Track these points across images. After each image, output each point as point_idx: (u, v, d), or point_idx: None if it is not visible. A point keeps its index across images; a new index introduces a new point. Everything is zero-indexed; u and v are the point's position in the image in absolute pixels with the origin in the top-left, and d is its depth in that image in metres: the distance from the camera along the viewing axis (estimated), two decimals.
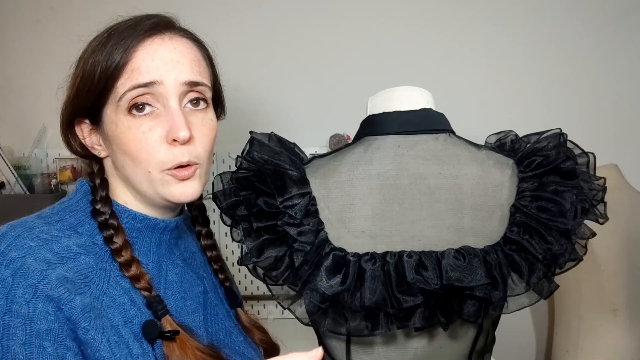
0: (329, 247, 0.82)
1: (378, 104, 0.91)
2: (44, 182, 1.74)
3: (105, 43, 0.68)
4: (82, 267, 0.64)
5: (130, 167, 0.69)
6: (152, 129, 0.67)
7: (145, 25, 0.69)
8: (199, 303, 0.77)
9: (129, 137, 0.67)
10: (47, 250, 0.62)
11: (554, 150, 0.83)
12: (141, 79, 0.67)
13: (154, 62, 0.67)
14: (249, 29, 1.85)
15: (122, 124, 0.67)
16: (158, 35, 0.69)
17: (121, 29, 0.69)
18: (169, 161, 0.68)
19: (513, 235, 0.81)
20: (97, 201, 0.71)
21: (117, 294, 0.66)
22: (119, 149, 0.68)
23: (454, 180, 0.83)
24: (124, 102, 0.67)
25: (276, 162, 0.86)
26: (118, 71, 0.67)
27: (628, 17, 1.82)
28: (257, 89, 1.86)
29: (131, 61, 0.67)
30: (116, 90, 0.67)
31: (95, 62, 0.67)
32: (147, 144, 0.67)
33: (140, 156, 0.67)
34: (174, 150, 0.68)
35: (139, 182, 0.70)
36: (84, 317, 0.62)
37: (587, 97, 1.85)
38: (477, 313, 0.80)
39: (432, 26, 1.85)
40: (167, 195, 0.70)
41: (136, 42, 0.68)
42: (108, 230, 0.69)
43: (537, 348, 1.97)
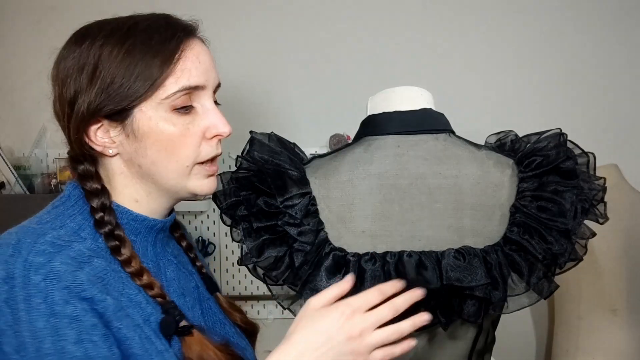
0: (329, 247, 0.82)
1: (378, 104, 0.91)
2: (44, 182, 1.74)
3: (142, 40, 0.68)
4: (98, 270, 0.64)
5: (164, 162, 0.70)
6: (192, 124, 0.70)
7: (180, 25, 0.71)
8: (195, 298, 0.78)
9: (173, 133, 0.69)
10: (65, 256, 0.62)
11: (554, 150, 0.83)
12: (192, 82, 0.69)
13: (201, 66, 0.70)
14: (249, 29, 1.85)
15: (164, 120, 0.68)
16: (194, 38, 0.72)
17: (153, 27, 0.69)
18: (207, 154, 0.72)
19: (513, 235, 0.81)
20: (96, 210, 0.69)
21: (133, 294, 0.67)
22: (154, 145, 0.69)
23: (454, 180, 0.83)
24: (170, 101, 0.68)
25: (276, 162, 0.86)
26: (169, 70, 0.67)
27: (628, 17, 1.82)
28: (257, 89, 1.86)
29: (181, 61, 0.68)
30: (164, 88, 0.68)
31: (134, 61, 0.67)
32: (190, 140, 0.70)
33: (182, 150, 0.70)
34: (211, 143, 0.72)
35: (168, 177, 0.71)
36: (116, 316, 0.63)
37: (587, 97, 1.85)
38: (477, 313, 0.80)
39: (433, 26, 1.85)
40: (196, 189, 0.73)
41: (180, 42, 0.69)
42: (113, 241, 0.68)
43: (537, 348, 1.97)
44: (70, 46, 0.70)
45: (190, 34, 0.71)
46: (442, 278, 0.78)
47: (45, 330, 0.59)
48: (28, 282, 0.59)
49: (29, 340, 0.59)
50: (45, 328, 0.59)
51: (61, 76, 0.69)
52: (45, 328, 0.59)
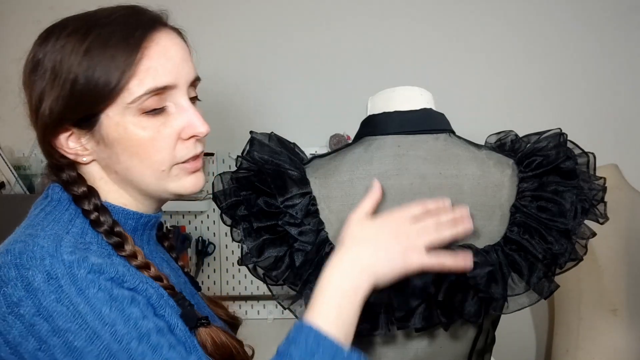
0: (330, 247, 0.82)
1: (378, 103, 0.91)
2: (44, 182, 1.74)
3: (101, 38, 0.62)
4: (117, 267, 0.63)
5: (138, 167, 0.66)
6: (165, 126, 0.65)
7: (143, 19, 0.65)
8: (187, 294, 0.76)
9: (144, 138, 0.64)
10: (92, 254, 0.61)
11: (554, 150, 0.83)
12: (159, 82, 0.63)
13: (168, 62, 0.64)
14: (249, 29, 1.85)
15: (133, 125, 0.64)
16: (162, 30, 0.65)
17: (114, 22, 0.63)
18: (184, 155, 0.68)
19: (513, 235, 0.81)
20: (90, 211, 0.66)
21: (145, 288, 0.65)
22: (125, 151, 0.65)
23: (454, 180, 0.83)
24: (136, 105, 0.63)
25: (276, 162, 0.86)
26: (131, 72, 0.62)
27: (628, 17, 1.82)
28: (257, 89, 1.87)
29: (144, 60, 0.62)
30: (128, 92, 0.62)
31: (93, 63, 0.61)
32: (164, 143, 0.65)
33: (154, 155, 0.65)
34: (187, 144, 0.67)
35: (146, 182, 0.67)
36: (159, 304, 0.64)
37: (587, 97, 1.85)
38: (478, 313, 0.80)
39: (433, 26, 1.85)
40: (179, 189, 0.69)
41: (143, 37, 0.63)
42: (114, 237, 0.66)
43: (537, 348, 1.98)
44: (35, 47, 0.66)
45: (155, 26, 0.65)
46: (443, 275, 0.78)
47: (113, 314, 0.58)
48: (75, 278, 0.58)
49: (99, 327, 0.57)
50: (112, 312, 0.58)
51: (26, 80, 0.67)
52: (112, 312, 0.58)
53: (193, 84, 0.70)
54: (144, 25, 0.64)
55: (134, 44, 0.62)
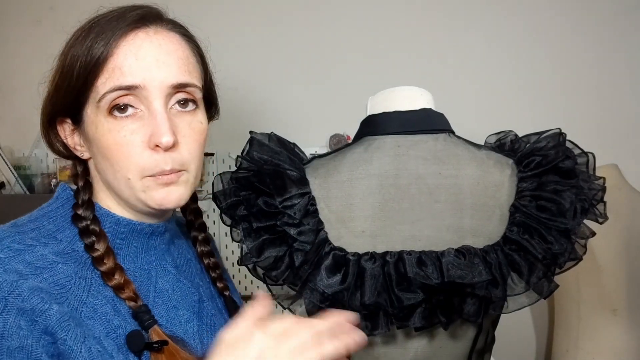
0: (329, 247, 0.82)
1: (378, 104, 0.91)
2: (44, 182, 1.74)
3: (86, 36, 0.62)
4: (59, 276, 0.59)
5: (110, 171, 0.64)
6: (133, 132, 0.62)
7: (129, 17, 0.63)
8: (194, 312, 0.71)
9: (110, 141, 0.62)
10: (19, 261, 0.58)
11: (553, 150, 0.83)
12: (122, 81, 0.61)
13: (137, 62, 0.61)
14: (249, 29, 1.85)
15: (102, 125, 0.62)
16: (142, 29, 0.63)
17: (104, 20, 0.63)
18: (150, 168, 0.62)
19: (513, 235, 0.81)
20: (78, 205, 0.66)
21: (99, 304, 0.61)
22: (99, 152, 0.64)
23: (454, 180, 0.83)
24: (104, 103, 0.61)
25: (276, 162, 0.86)
26: (98, 68, 0.61)
27: (628, 16, 1.82)
28: (257, 89, 1.86)
29: (112, 58, 0.61)
30: (96, 89, 0.61)
31: (75, 57, 0.62)
32: (128, 149, 0.62)
33: (120, 161, 0.62)
34: (156, 156, 0.62)
35: (120, 188, 0.65)
36: (62, 326, 0.57)
37: (587, 97, 1.85)
38: (478, 312, 0.80)
39: (433, 26, 1.85)
40: (149, 202, 0.64)
41: (118, 36, 0.61)
42: (89, 236, 0.64)
43: (537, 348, 1.97)
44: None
45: (137, 25, 0.63)
46: (443, 276, 0.78)
47: None
48: None
49: None
50: None
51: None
52: None
53: (184, 90, 0.64)
54: (126, 23, 0.62)
55: (105, 41, 0.61)
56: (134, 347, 0.61)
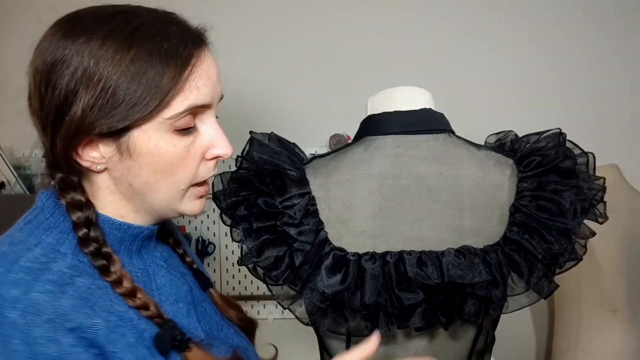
0: (329, 247, 0.82)
1: (378, 104, 0.91)
2: (44, 182, 1.74)
3: (147, 51, 0.58)
4: (82, 290, 0.58)
5: (159, 183, 0.63)
6: (193, 145, 0.63)
7: (192, 32, 0.63)
8: (189, 302, 0.73)
9: (173, 155, 0.62)
10: (45, 282, 0.56)
11: (553, 150, 0.83)
12: (199, 100, 0.61)
13: (209, 81, 0.63)
14: (249, 29, 1.85)
15: (165, 141, 0.61)
16: (205, 47, 0.64)
17: (160, 34, 0.60)
18: (204, 176, 0.66)
19: (513, 235, 0.81)
20: (79, 225, 0.61)
21: (123, 310, 0.61)
22: (150, 166, 0.61)
23: (454, 180, 0.83)
24: (173, 121, 0.60)
25: (276, 162, 0.86)
26: (178, 88, 0.59)
27: (628, 16, 1.82)
28: (257, 89, 1.86)
29: (191, 77, 0.61)
30: (170, 108, 0.60)
31: (138, 77, 0.58)
32: (190, 162, 0.64)
33: (179, 174, 0.63)
34: (209, 164, 0.66)
35: (159, 199, 0.64)
36: (109, 339, 0.58)
37: (587, 97, 1.85)
38: (478, 313, 0.80)
39: (433, 26, 1.85)
40: (187, 211, 0.67)
41: (191, 54, 0.61)
42: (100, 260, 0.61)
43: (537, 348, 1.97)
44: (58, 38, 0.59)
45: (201, 43, 0.63)
46: (443, 276, 0.78)
47: None
48: (4, 321, 0.53)
49: None
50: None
51: (46, 72, 0.59)
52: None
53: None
54: (192, 40, 0.62)
55: (184, 59, 0.60)
56: (162, 348, 0.62)
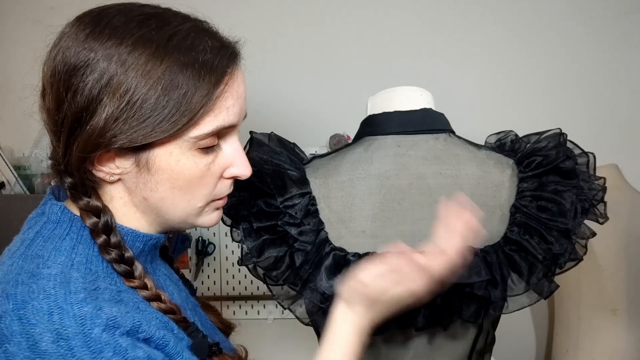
0: (329, 247, 0.82)
1: (378, 104, 0.91)
2: (43, 182, 1.74)
3: (180, 64, 0.54)
4: (130, 306, 0.56)
5: (176, 200, 0.61)
6: (213, 163, 0.61)
7: (226, 47, 0.59)
8: (190, 309, 0.71)
9: (194, 173, 0.59)
10: (105, 299, 0.54)
11: (553, 150, 0.83)
12: (227, 121, 0.58)
13: (238, 101, 0.60)
14: (249, 29, 1.85)
15: (187, 159, 0.58)
16: (239, 65, 0.61)
17: (197, 44, 0.56)
18: (221, 194, 0.64)
19: (513, 235, 0.81)
20: (98, 232, 0.58)
21: (165, 320, 0.60)
22: (168, 181, 0.59)
23: (454, 180, 0.83)
24: (197, 139, 0.57)
25: (276, 162, 0.86)
26: (209, 106, 0.56)
27: (628, 17, 1.82)
28: (257, 89, 1.86)
29: (223, 96, 0.57)
30: (197, 127, 0.56)
31: (170, 92, 0.54)
32: (209, 180, 0.61)
33: (198, 192, 0.61)
34: (226, 182, 0.64)
35: (175, 214, 0.62)
36: (175, 350, 0.57)
37: (587, 97, 1.85)
38: (477, 313, 0.80)
39: (433, 26, 1.85)
40: (203, 223, 0.65)
41: (226, 71, 0.57)
42: (123, 265, 0.59)
43: (537, 348, 1.97)
44: (83, 38, 0.54)
45: (235, 59, 0.60)
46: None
47: None
48: (88, 338, 0.51)
49: None
50: None
51: (66, 74, 0.54)
52: None
53: None
54: (227, 56, 0.58)
55: (216, 78, 0.56)
56: (201, 355, 0.61)
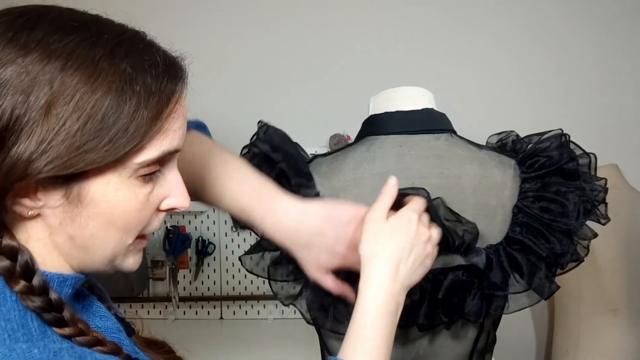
0: None
1: (380, 103, 0.91)
2: None
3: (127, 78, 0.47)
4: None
5: (107, 237, 0.52)
6: (152, 194, 0.53)
7: (176, 63, 0.52)
8: (127, 347, 0.61)
9: (132, 205, 0.51)
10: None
11: (556, 151, 0.83)
12: (173, 145, 0.52)
13: (183, 124, 0.53)
14: (249, 29, 1.85)
15: (126, 188, 0.50)
16: (185, 85, 0.54)
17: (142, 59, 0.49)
18: (153, 228, 0.56)
19: (515, 235, 0.81)
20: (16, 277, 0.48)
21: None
22: (101, 215, 0.50)
23: (456, 180, 0.83)
24: (139, 166, 0.50)
25: (291, 152, 0.86)
26: (156, 129, 0.49)
27: (629, 17, 1.82)
28: (257, 89, 1.86)
29: (171, 118, 0.51)
30: (143, 153, 0.49)
31: (118, 110, 0.46)
32: (145, 214, 0.53)
33: (134, 226, 0.53)
34: (160, 216, 0.56)
35: (100, 254, 0.53)
36: None
37: (587, 97, 1.85)
38: (479, 312, 0.80)
39: (434, 26, 1.85)
40: (124, 266, 0.56)
41: (173, 90, 0.51)
42: (51, 313, 0.50)
43: (537, 348, 1.98)
44: (3, 44, 0.45)
45: (183, 76, 0.53)
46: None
47: None
48: None
49: None
50: None
51: None
52: None
53: None
54: (175, 73, 0.51)
55: (166, 96, 0.50)
56: None
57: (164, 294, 1.94)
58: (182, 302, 1.95)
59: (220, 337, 1.82)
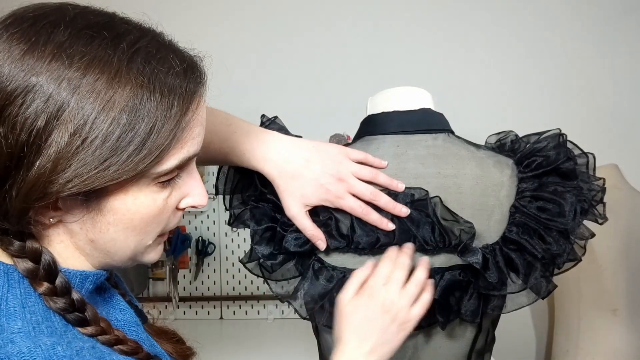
0: None
1: (378, 104, 0.91)
2: None
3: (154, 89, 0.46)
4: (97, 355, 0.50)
5: (128, 240, 0.53)
6: (170, 197, 0.54)
7: (196, 67, 0.52)
8: (143, 340, 0.64)
9: (151, 210, 0.52)
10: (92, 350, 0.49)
11: (554, 151, 0.83)
12: (192, 151, 0.52)
13: (203, 128, 0.53)
14: (249, 29, 1.85)
15: (145, 195, 0.51)
16: (204, 89, 0.53)
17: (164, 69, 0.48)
18: (172, 226, 0.58)
19: (512, 235, 0.81)
20: (39, 278, 0.50)
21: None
22: (121, 221, 0.51)
23: (454, 180, 0.83)
24: (159, 175, 0.50)
25: None
26: (176, 139, 0.49)
27: (628, 17, 1.82)
28: (257, 89, 1.87)
29: (190, 126, 0.50)
30: (162, 163, 0.49)
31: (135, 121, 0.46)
32: (165, 216, 0.54)
33: (153, 228, 0.54)
34: (179, 214, 0.57)
35: (124, 255, 0.55)
36: None
37: (587, 97, 1.85)
38: (476, 312, 0.80)
39: (432, 26, 1.85)
40: (146, 259, 0.58)
41: (191, 99, 0.50)
42: (74, 313, 0.51)
43: (537, 348, 1.97)
44: (18, 54, 0.44)
45: (202, 80, 0.52)
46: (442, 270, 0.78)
47: None
48: None
49: None
50: None
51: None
52: None
53: None
54: (194, 78, 0.50)
55: (185, 105, 0.49)
56: None
57: (164, 294, 1.94)
58: (182, 302, 1.95)
59: (220, 337, 1.83)
